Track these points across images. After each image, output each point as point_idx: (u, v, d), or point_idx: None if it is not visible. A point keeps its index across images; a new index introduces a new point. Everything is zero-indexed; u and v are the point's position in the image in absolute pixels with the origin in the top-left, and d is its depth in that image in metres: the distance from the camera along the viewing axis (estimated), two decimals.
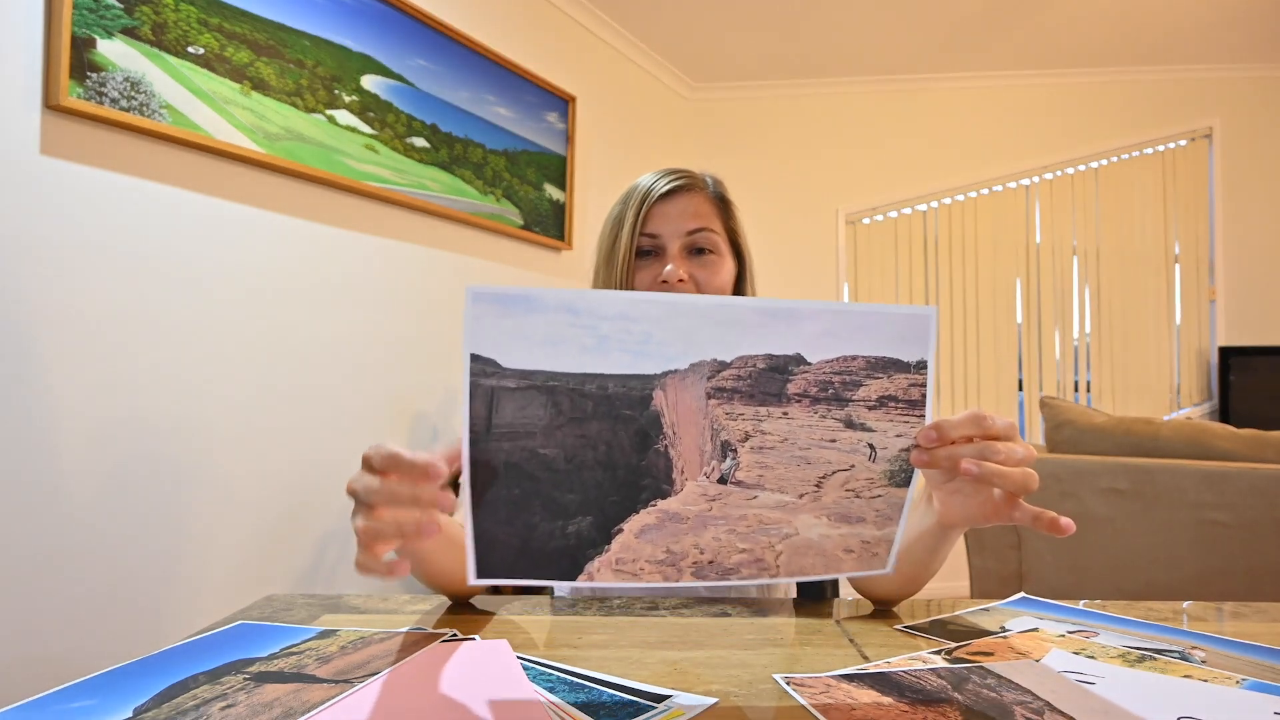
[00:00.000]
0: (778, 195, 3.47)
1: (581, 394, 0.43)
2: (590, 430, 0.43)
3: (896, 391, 0.45)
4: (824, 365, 0.44)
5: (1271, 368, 3.13)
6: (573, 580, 0.45)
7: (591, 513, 0.44)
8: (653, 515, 0.45)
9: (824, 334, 0.44)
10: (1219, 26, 2.94)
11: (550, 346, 0.42)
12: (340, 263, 1.81)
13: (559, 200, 2.56)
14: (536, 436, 0.43)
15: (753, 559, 0.47)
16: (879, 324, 0.45)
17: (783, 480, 0.46)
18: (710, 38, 3.02)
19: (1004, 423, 0.49)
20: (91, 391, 1.32)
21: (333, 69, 1.76)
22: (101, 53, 1.30)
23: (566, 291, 0.42)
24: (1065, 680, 0.48)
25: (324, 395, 1.76)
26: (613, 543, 0.45)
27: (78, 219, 1.30)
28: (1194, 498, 1.54)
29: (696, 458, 0.45)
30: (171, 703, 0.44)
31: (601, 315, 0.42)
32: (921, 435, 0.47)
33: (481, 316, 0.41)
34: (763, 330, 0.44)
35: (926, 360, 0.46)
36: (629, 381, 0.43)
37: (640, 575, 0.45)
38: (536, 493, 0.43)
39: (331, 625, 0.60)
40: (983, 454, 0.48)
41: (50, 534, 1.26)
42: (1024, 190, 3.41)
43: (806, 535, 0.47)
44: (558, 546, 0.44)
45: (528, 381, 0.42)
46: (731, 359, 0.44)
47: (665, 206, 0.88)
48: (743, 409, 0.44)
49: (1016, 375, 3.39)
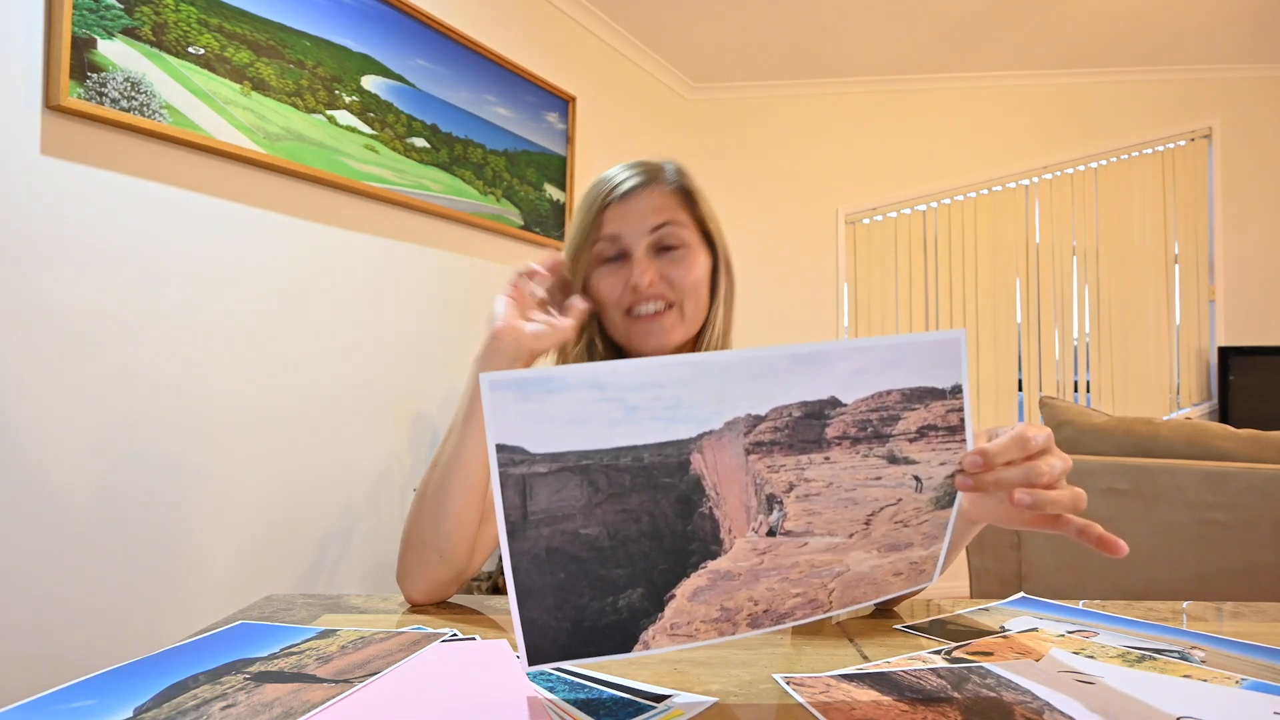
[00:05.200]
0: (778, 195, 3.47)
1: (617, 468, 0.42)
2: (631, 504, 0.42)
3: (935, 420, 0.45)
4: (860, 404, 0.44)
5: (1271, 368, 3.13)
6: (628, 651, 0.44)
7: (641, 584, 0.43)
8: (704, 577, 0.44)
9: (855, 372, 0.43)
10: (1219, 26, 2.94)
11: (578, 425, 0.41)
12: (340, 263, 1.81)
13: (559, 200, 2.56)
14: (576, 518, 0.42)
15: (807, 600, 0.46)
16: (909, 354, 0.44)
17: (831, 524, 0.45)
18: (710, 38, 3.02)
19: (1044, 436, 0.49)
20: (91, 391, 1.32)
21: (333, 69, 1.76)
22: (102, 53, 1.30)
23: (587, 366, 0.41)
24: (1065, 680, 0.48)
25: (324, 395, 1.76)
26: (665, 609, 0.44)
27: (78, 219, 1.30)
28: (1194, 497, 1.54)
29: (743, 515, 0.44)
30: (172, 703, 0.44)
31: (628, 386, 0.41)
32: (967, 462, 0.46)
33: (501, 404, 0.40)
34: (793, 377, 0.43)
35: (961, 384, 0.45)
36: (665, 449, 0.42)
37: (696, 636, 0.45)
38: (583, 573, 0.42)
39: (331, 625, 0.60)
40: (1029, 478, 0.47)
41: (50, 534, 1.26)
42: (1023, 190, 3.41)
43: (858, 570, 0.47)
44: (610, 622, 0.43)
45: (559, 464, 0.41)
46: (766, 411, 0.43)
47: (624, 206, 0.83)
48: (784, 460, 0.43)
49: (1016, 375, 3.39)
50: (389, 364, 1.95)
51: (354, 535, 1.85)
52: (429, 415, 2.08)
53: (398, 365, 1.97)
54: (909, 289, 3.45)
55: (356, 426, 1.85)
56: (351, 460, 1.84)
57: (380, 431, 1.92)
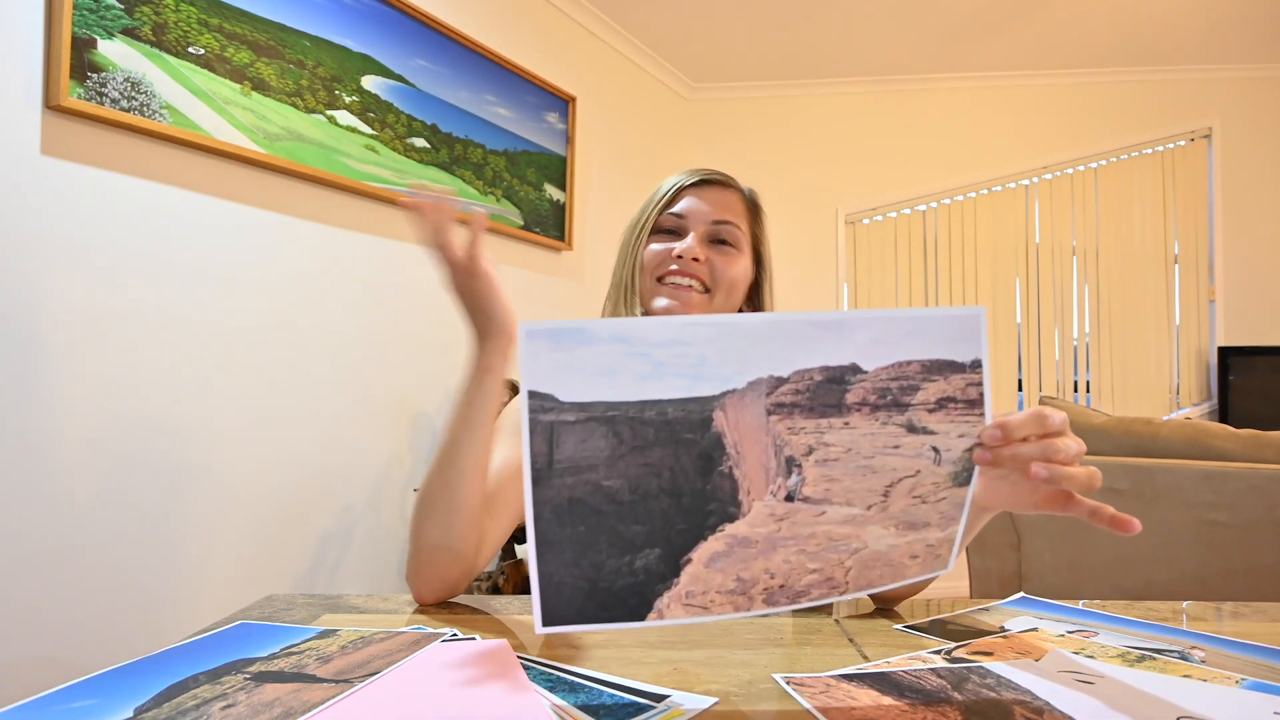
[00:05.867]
0: (778, 195, 3.46)
1: (641, 421, 0.42)
2: (653, 457, 0.43)
3: (954, 392, 0.45)
4: (880, 372, 0.44)
5: (1271, 368, 3.13)
6: (642, 620, 0.44)
7: (659, 544, 0.43)
8: (721, 541, 0.44)
9: (876, 342, 0.44)
10: (1219, 26, 2.94)
11: (607, 377, 0.41)
12: (340, 263, 1.81)
13: (559, 200, 2.56)
14: (600, 469, 0.42)
15: (823, 578, 0.46)
16: (930, 327, 0.45)
17: (850, 492, 0.45)
18: (710, 38, 3.02)
19: (1060, 418, 0.49)
20: (91, 391, 1.32)
21: (333, 69, 1.76)
22: (102, 53, 1.30)
23: (617, 321, 0.42)
24: (1065, 680, 0.48)
25: (324, 395, 1.76)
26: (681, 575, 0.44)
27: (78, 219, 1.30)
28: (1193, 497, 1.54)
29: (762, 476, 0.44)
30: (172, 703, 0.44)
31: (654, 342, 0.42)
32: (986, 435, 0.47)
33: (535, 353, 0.41)
34: (815, 343, 0.43)
35: (981, 359, 0.46)
36: (688, 405, 0.42)
37: (711, 608, 0.45)
38: (602, 527, 0.42)
39: (332, 625, 0.60)
40: (1046, 454, 0.48)
41: (50, 534, 1.26)
42: (1023, 190, 3.41)
43: (875, 548, 0.47)
44: (626, 584, 0.43)
45: (587, 414, 0.42)
46: (789, 373, 0.43)
47: (699, 193, 0.90)
48: (804, 422, 0.44)
49: (1016, 375, 3.39)
50: (389, 364, 1.95)
51: (354, 535, 1.85)
52: (429, 415, 2.08)
53: (398, 365, 1.97)
54: (909, 289, 3.45)
55: (357, 427, 1.85)
56: (351, 460, 1.84)
57: (380, 431, 1.92)
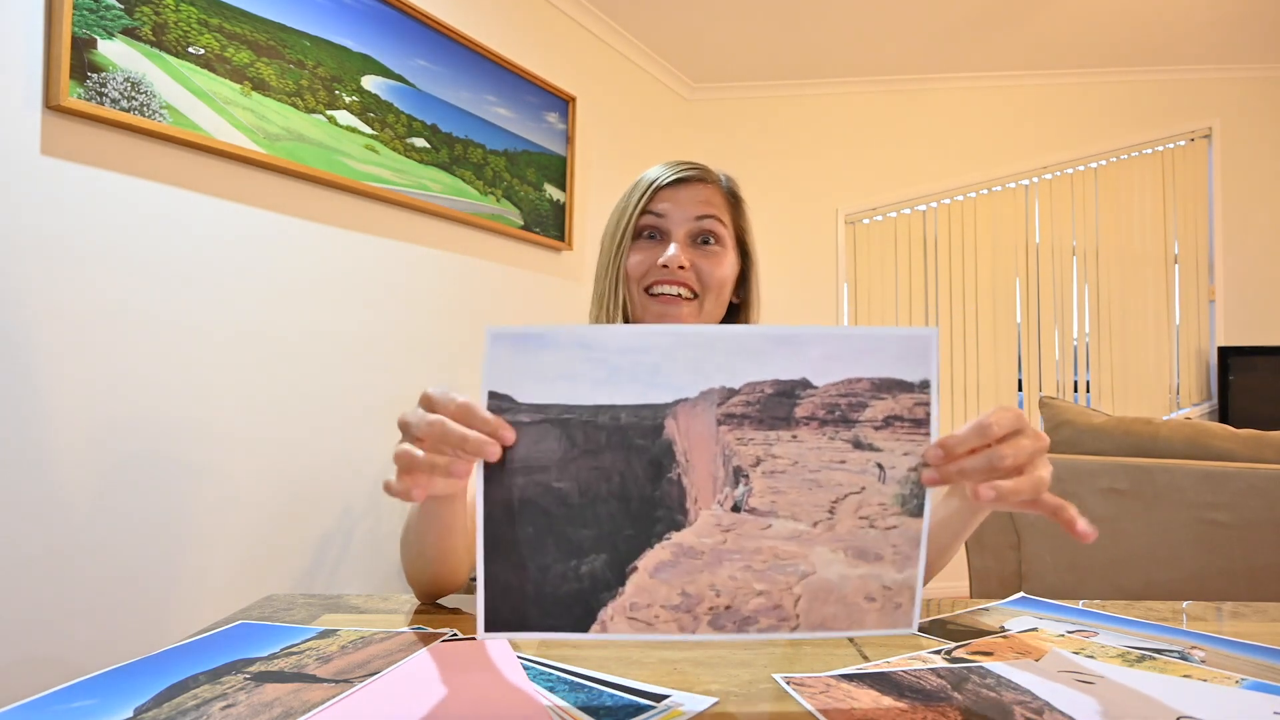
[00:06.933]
0: (778, 195, 3.46)
1: (595, 425, 0.43)
2: (604, 461, 0.44)
3: (902, 411, 0.46)
4: (830, 388, 0.45)
5: (1271, 368, 3.13)
6: (585, 631, 0.44)
7: (605, 549, 0.44)
8: (668, 550, 0.45)
9: (828, 358, 0.45)
10: (1219, 26, 2.94)
11: (565, 381, 0.43)
12: (340, 263, 1.81)
13: (559, 200, 2.56)
14: (551, 470, 0.43)
15: (771, 604, 0.46)
16: (881, 346, 0.45)
17: (796, 505, 0.46)
18: (710, 38, 3.02)
19: (1010, 418, 0.48)
20: (91, 391, 1.32)
21: (333, 69, 1.76)
22: (102, 53, 1.30)
23: (579, 327, 0.43)
24: (1065, 680, 0.48)
25: (324, 395, 1.76)
26: (627, 584, 0.44)
27: (78, 219, 1.30)
28: (1193, 497, 1.54)
29: (709, 485, 0.45)
30: (172, 702, 0.44)
31: (613, 348, 0.43)
32: (930, 455, 0.46)
33: (498, 355, 0.43)
34: (769, 356, 0.44)
35: (929, 380, 0.46)
36: (641, 411, 0.44)
37: (655, 625, 0.45)
38: (550, 529, 0.43)
39: (331, 625, 0.60)
40: (991, 463, 0.47)
41: (50, 534, 1.26)
42: (1023, 190, 3.41)
43: (825, 575, 0.46)
44: (570, 590, 0.44)
45: (542, 415, 0.43)
46: (740, 385, 0.44)
47: (675, 192, 0.87)
48: (753, 434, 0.45)
49: (1016, 375, 3.39)
50: (389, 364, 1.95)
51: (354, 535, 1.85)
52: None
53: (398, 365, 1.97)
54: (909, 289, 3.45)
55: (357, 426, 1.85)
56: (352, 460, 1.84)
57: (380, 431, 1.92)
